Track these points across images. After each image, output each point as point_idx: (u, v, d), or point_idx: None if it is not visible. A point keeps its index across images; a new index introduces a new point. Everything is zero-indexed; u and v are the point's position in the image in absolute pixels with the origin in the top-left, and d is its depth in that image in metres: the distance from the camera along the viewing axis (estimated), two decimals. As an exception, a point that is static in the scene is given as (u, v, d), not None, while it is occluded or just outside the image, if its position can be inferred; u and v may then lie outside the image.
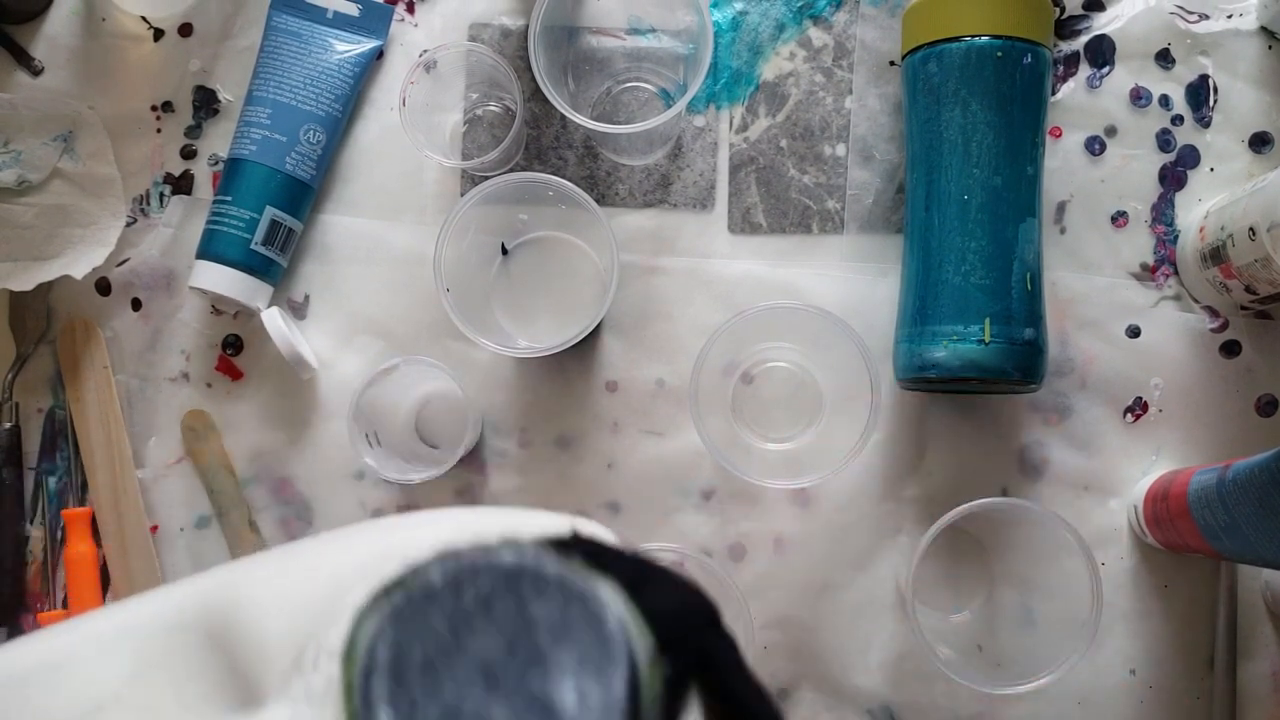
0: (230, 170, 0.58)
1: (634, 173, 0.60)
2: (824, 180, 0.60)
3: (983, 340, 0.52)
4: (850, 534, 0.58)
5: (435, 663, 0.19)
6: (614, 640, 0.20)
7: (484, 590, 0.20)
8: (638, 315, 0.59)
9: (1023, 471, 0.58)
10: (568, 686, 0.19)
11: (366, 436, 0.54)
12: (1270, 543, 0.45)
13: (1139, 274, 0.58)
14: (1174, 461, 0.58)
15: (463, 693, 0.19)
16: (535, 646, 0.20)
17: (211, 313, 0.60)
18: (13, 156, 0.59)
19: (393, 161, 0.60)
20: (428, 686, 0.19)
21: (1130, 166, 0.59)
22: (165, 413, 0.60)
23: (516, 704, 0.19)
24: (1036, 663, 0.49)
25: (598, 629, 0.20)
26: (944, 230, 0.53)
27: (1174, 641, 0.57)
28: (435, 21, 0.61)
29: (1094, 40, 0.59)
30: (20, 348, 0.60)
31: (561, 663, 0.19)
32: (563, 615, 0.20)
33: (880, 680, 0.57)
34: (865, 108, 0.60)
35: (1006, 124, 0.52)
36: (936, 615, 0.58)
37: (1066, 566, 0.50)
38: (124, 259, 0.60)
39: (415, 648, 0.19)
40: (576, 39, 0.60)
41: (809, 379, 0.59)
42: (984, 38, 0.52)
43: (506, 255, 0.60)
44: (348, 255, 0.60)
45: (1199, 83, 0.59)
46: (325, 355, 0.60)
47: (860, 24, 0.60)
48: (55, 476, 0.60)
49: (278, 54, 0.59)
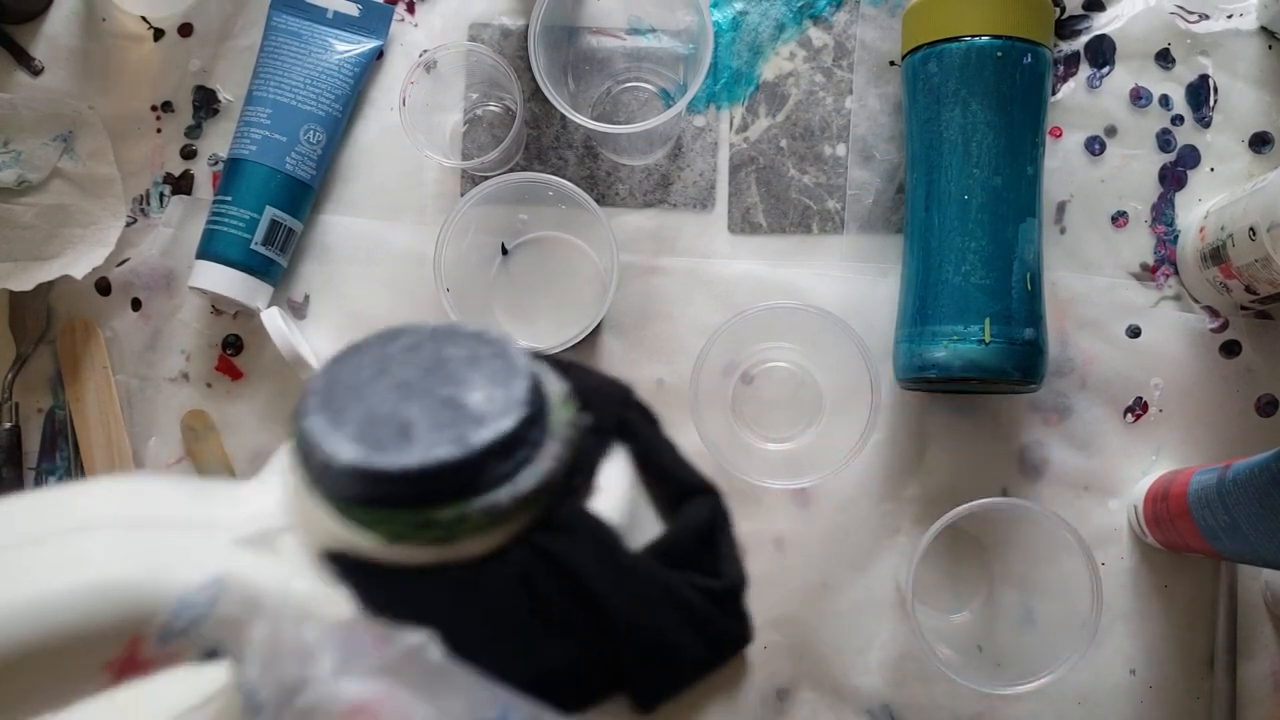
0: (230, 170, 0.58)
1: (634, 173, 0.60)
2: (824, 180, 0.60)
3: (983, 340, 0.52)
4: (850, 534, 0.58)
5: (361, 386, 0.22)
6: (518, 365, 0.23)
7: (408, 341, 0.23)
8: (638, 315, 0.59)
9: (1023, 471, 0.58)
10: (475, 392, 0.22)
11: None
12: (1270, 543, 0.45)
13: (1139, 274, 0.58)
14: (1174, 461, 0.58)
15: (381, 400, 0.22)
16: (448, 371, 0.23)
17: (211, 313, 0.60)
18: (13, 156, 0.59)
19: (393, 161, 0.60)
20: (352, 399, 0.22)
21: (1130, 166, 0.59)
22: (165, 413, 0.60)
23: (428, 405, 0.22)
24: (1036, 663, 0.49)
25: (506, 360, 0.23)
26: (944, 230, 0.53)
27: (1174, 641, 0.57)
28: (435, 21, 0.61)
29: (1094, 40, 0.59)
30: (20, 348, 0.60)
31: (471, 380, 0.22)
32: (474, 354, 0.23)
33: (880, 680, 0.57)
34: (865, 108, 0.60)
35: (1006, 124, 0.52)
36: (936, 615, 0.58)
37: (1066, 566, 0.50)
38: (124, 259, 0.60)
39: (343, 378, 0.23)
40: (576, 39, 0.60)
41: (809, 379, 0.59)
42: (984, 38, 0.52)
43: (506, 255, 0.60)
44: (348, 255, 0.60)
45: (1199, 83, 0.59)
46: (325, 355, 0.60)
47: (860, 24, 0.60)
48: (55, 476, 0.60)
49: (278, 54, 0.59)
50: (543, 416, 0.23)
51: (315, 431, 0.22)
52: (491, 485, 0.22)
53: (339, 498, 0.22)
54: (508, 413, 0.22)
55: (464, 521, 0.22)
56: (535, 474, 0.22)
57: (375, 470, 0.21)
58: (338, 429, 0.22)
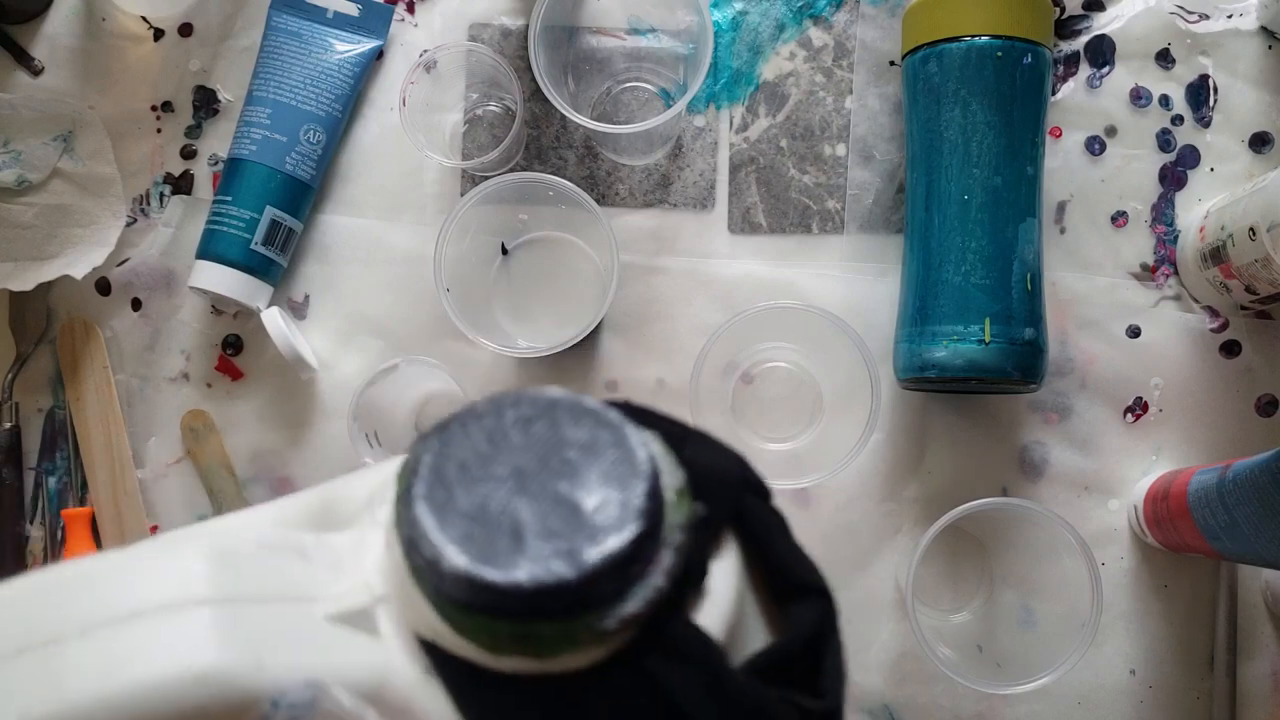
0: (230, 170, 0.58)
1: (634, 173, 0.60)
2: (824, 180, 0.60)
3: (983, 340, 0.52)
4: (850, 534, 0.58)
5: (471, 467, 0.21)
6: (638, 461, 0.21)
7: (523, 414, 0.22)
8: (638, 315, 0.59)
9: (1023, 471, 0.58)
10: (591, 494, 0.21)
11: (366, 436, 0.54)
12: (1270, 543, 0.45)
13: (1139, 274, 0.58)
14: (1174, 461, 0.58)
15: (494, 491, 0.21)
16: (565, 460, 0.21)
17: (211, 313, 0.60)
18: (13, 156, 0.59)
19: (393, 161, 0.60)
20: (463, 485, 0.21)
21: (1130, 166, 0.59)
22: (165, 413, 0.60)
23: (541, 504, 0.21)
24: (1036, 663, 0.49)
25: (624, 451, 0.21)
26: (944, 230, 0.53)
27: (1174, 641, 0.57)
28: (435, 21, 0.61)
29: (1094, 40, 0.59)
30: (20, 348, 0.60)
31: (587, 475, 0.21)
32: (592, 439, 0.22)
33: (880, 680, 0.57)
34: (865, 108, 0.60)
35: (1006, 124, 0.52)
36: (936, 615, 0.58)
37: (1066, 566, 0.50)
38: (124, 259, 0.60)
39: (455, 455, 0.22)
40: (576, 39, 0.60)
41: (809, 379, 0.59)
42: (984, 38, 0.52)
43: (506, 255, 0.60)
44: (348, 255, 0.60)
45: (1199, 83, 0.59)
46: (325, 355, 0.60)
47: (860, 24, 0.60)
48: (55, 476, 0.60)
49: (278, 54, 0.59)
50: (659, 527, 0.22)
51: (423, 524, 0.21)
52: (599, 605, 0.21)
53: (439, 594, 0.21)
54: (624, 525, 0.21)
55: (566, 639, 0.21)
56: (645, 593, 0.21)
57: (480, 581, 0.20)
58: (446, 525, 0.21)
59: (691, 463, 0.23)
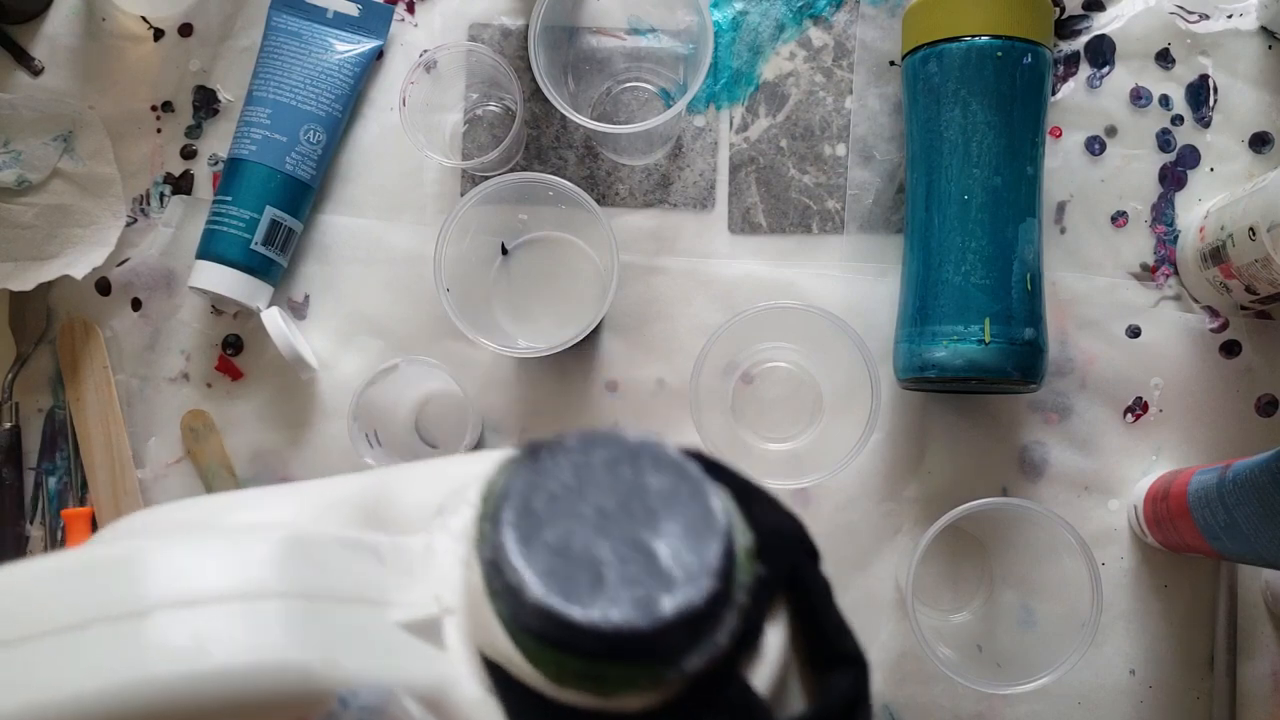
0: (230, 170, 0.58)
1: (634, 173, 0.60)
2: (824, 180, 0.60)
3: (983, 340, 0.52)
4: (850, 534, 0.58)
5: (559, 501, 0.22)
6: (716, 518, 0.22)
7: (610, 455, 0.23)
8: (638, 315, 0.59)
9: (1023, 471, 0.58)
10: (668, 544, 0.22)
11: (366, 436, 0.54)
12: (1270, 543, 0.45)
13: (1139, 274, 0.58)
14: (1174, 461, 0.58)
15: (578, 528, 0.22)
16: (646, 507, 0.22)
17: (211, 313, 0.60)
18: (13, 156, 0.59)
19: (393, 161, 0.60)
20: (550, 518, 0.22)
21: (1130, 166, 0.59)
22: (165, 413, 0.60)
23: (621, 547, 0.22)
24: (1036, 663, 0.49)
25: (703, 506, 0.22)
26: (944, 230, 0.53)
27: (1174, 641, 0.57)
28: (435, 21, 0.61)
29: (1094, 40, 0.59)
30: (20, 348, 0.60)
31: (666, 525, 0.22)
32: (673, 489, 0.22)
33: (880, 680, 0.57)
34: (865, 108, 0.60)
35: (1006, 124, 0.52)
36: (936, 615, 0.58)
37: (1066, 566, 0.50)
38: (124, 259, 0.60)
39: (545, 486, 0.22)
40: (576, 39, 0.60)
41: (809, 379, 0.59)
42: (984, 38, 0.52)
43: (506, 255, 0.60)
44: (348, 255, 0.60)
45: (1199, 83, 0.59)
46: (325, 355, 0.60)
47: (860, 24, 0.60)
48: (55, 476, 0.60)
49: (278, 54, 0.59)
50: (730, 585, 0.22)
51: (509, 551, 0.22)
52: (666, 655, 0.22)
53: (514, 621, 0.22)
54: (700, 581, 0.22)
55: (629, 682, 0.22)
56: (709, 649, 0.22)
57: (559, 616, 0.21)
58: (532, 555, 0.21)
59: (758, 522, 0.24)
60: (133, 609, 0.20)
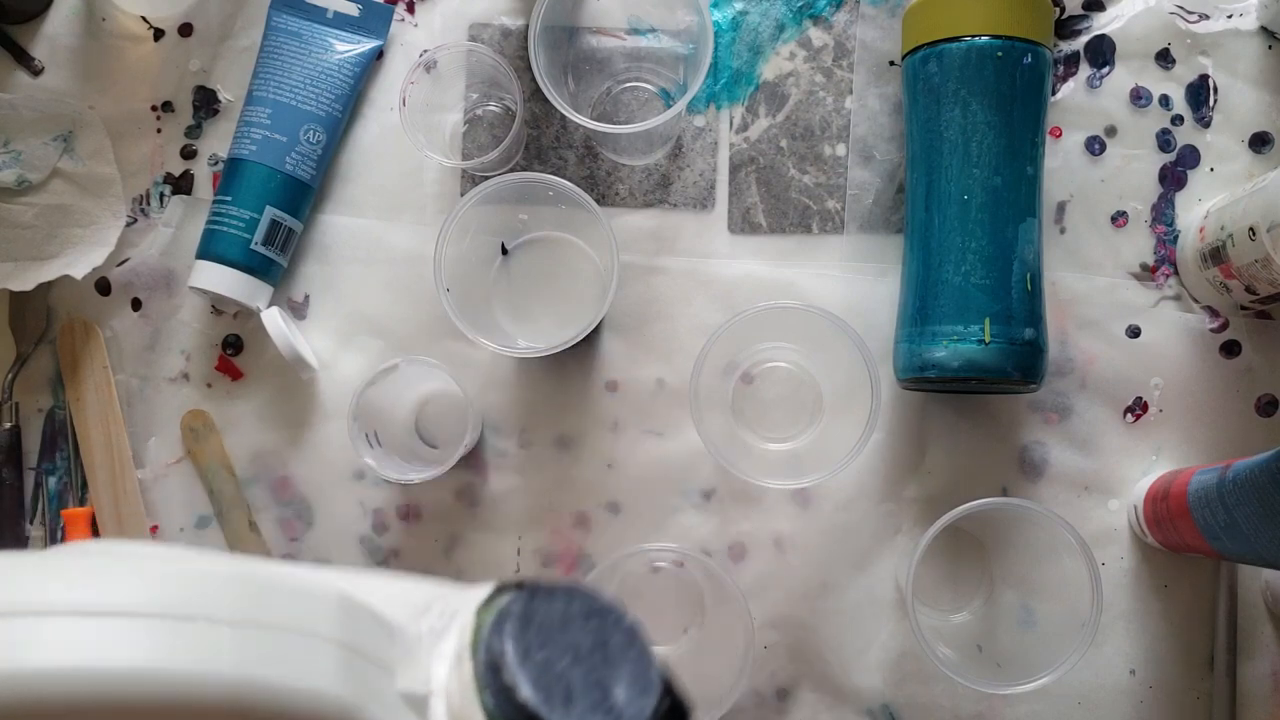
0: (230, 170, 0.58)
1: (634, 173, 0.60)
2: (824, 180, 0.60)
3: (983, 340, 0.52)
4: (850, 534, 0.58)
5: (547, 631, 0.28)
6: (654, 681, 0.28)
7: (585, 607, 0.29)
8: (638, 315, 0.59)
9: (1023, 471, 0.58)
10: (622, 690, 0.28)
11: (366, 436, 0.54)
12: (1270, 543, 0.45)
13: (1139, 274, 0.58)
14: (1174, 461, 0.58)
15: (558, 656, 0.27)
16: (608, 655, 0.28)
17: (211, 313, 0.60)
18: (13, 156, 0.59)
19: (393, 161, 0.60)
20: (538, 641, 0.27)
21: (1130, 166, 0.59)
22: (165, 413, 0.60)
23: (588, 680, 0.27)
24: (1036, 663, 0.49)
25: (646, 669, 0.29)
26: (944, 230, 0.53)
27: (1174, 641, 0.57)
28: (435, 21, 0.61)
29: (1094, 40, 0.59)
30: (20, 348, 0.60)
31: (619, 673, 0.28)
32: (626, 648, 0.29)
33: (880, 680, 0.57)
34: (865, 108, 0.60)
35: (1006, 124, 0.52)
36: (936, 615, 0.58)
37: (1066, 566, 0.50)
38: (124, 259, 0.60)
39: (537, 617, 0.28)
40: (576, 39, 0.60)
41: (809, 379, 0.59)
42: (984, 38, 0.52)
43: (506, 255, 0.60)
44: (348, 255, 0.60)
45: (1199, 83, 0.59)
46: (325, 355, 0.60)
47: (860, 24, 0.60)
48: (55, 476, 0.60)
49: (278, 54, 0.59)
50: None
51: (509, 657, 0.27)
52: None
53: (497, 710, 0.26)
54: None
55: None
56: None
57: (537, 716, 0.26)
58: (525, 664, 0.27)
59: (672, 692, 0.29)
60: (207, 615, 0.23)
